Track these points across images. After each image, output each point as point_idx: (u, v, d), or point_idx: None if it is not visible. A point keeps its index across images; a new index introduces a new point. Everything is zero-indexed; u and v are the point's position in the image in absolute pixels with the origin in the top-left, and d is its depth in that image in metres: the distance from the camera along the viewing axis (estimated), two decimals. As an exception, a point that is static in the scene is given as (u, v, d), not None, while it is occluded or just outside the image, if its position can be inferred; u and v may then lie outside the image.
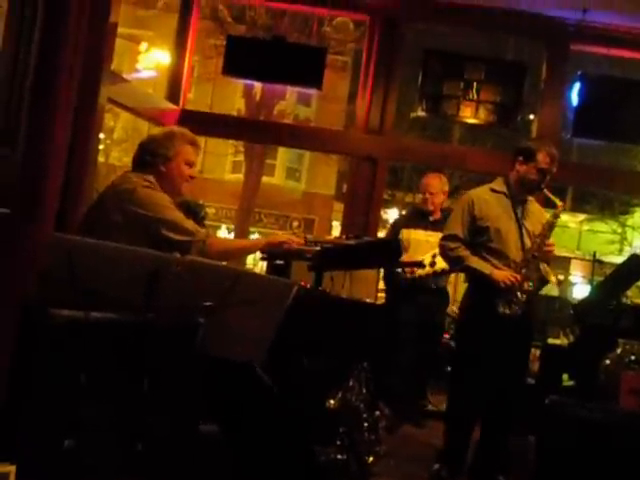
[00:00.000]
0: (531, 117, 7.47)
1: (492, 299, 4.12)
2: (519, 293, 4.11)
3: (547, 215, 4.28)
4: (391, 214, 18.53)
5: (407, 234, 5.57)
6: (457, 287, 5.99)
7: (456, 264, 4.40)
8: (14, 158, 3.43)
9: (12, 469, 1.85)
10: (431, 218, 5.64)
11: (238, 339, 2.70)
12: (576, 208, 21.66)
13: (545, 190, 4.22)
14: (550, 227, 4.18)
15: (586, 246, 20.52)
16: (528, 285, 4.13)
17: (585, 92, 6.24)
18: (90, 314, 2.51)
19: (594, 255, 6.98)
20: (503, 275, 4.11)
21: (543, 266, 4.18)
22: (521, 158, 4.24)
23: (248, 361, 2.84)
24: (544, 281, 4.25)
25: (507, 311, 4.11)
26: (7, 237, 3.42)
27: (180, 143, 3.35)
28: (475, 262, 4.22)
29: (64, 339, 2.49)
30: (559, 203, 4.18)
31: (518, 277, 4.10)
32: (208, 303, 2.58)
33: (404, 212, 9.60)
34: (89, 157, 4.34)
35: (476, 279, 4.28)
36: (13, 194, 3.41)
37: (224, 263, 3.58)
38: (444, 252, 4.38)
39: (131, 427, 2.51)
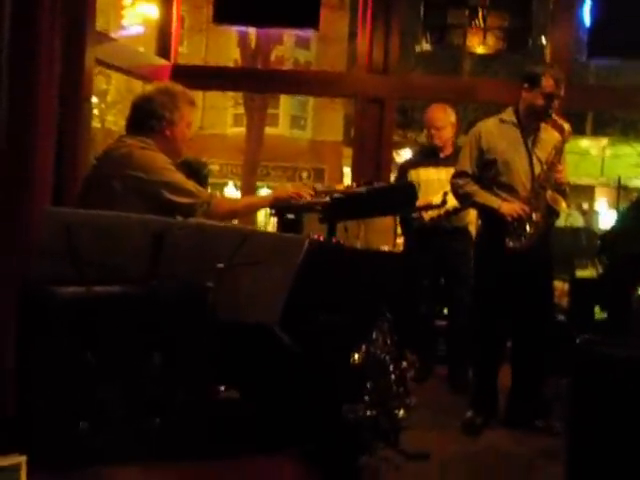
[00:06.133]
0: (543, 41, 7.23)
1: (502, 234, 4.07)
2: (528, 226, 4.05)
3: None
4: (404, 155, 18.29)
5: (416, 175, 5.27)
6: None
7: (465, 200, 4.41)
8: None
9: (23, 460, 1.77)
10: (441, 155, 5.27)
11: (251, 301, 2.61)
12: (597, 133, 21.22)
13: (553, 115, 4.13)
14: (558, 152, 4.09)
15: (610, 172, 20.10)
16: (537, 216, 4.05)
17: (598, 9, 5.95)
18: (92, 288, 2.41)
19: (619, 181, 6.80)
20: (510, 208, 4.06)
21: (550, 194, 4.07)
22: (526, 85, 4.17)
23: (264, 322, 2.75)
24: (554, 211, 4.16)
25: (517, 245, 4.06)
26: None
27: (183, 105, 3.21)
28: (483, 197, 4.19)
29: (67, 317, 2.39)
30: (566, 126, 4.10)
31: (526, 209, 4.04)
32: (216, 266, 2.46)
33: (413, 153, 9.31)
34: (81, 122, 4.20)
35: (486, 214, 4.27)
36: (1, 171, 3.28)
37: (235, 222, 3.49)
38: (454, 190, 4.37)
39: (147, 402, 2.41)
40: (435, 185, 5.09)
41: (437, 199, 4.96)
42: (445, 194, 4.82)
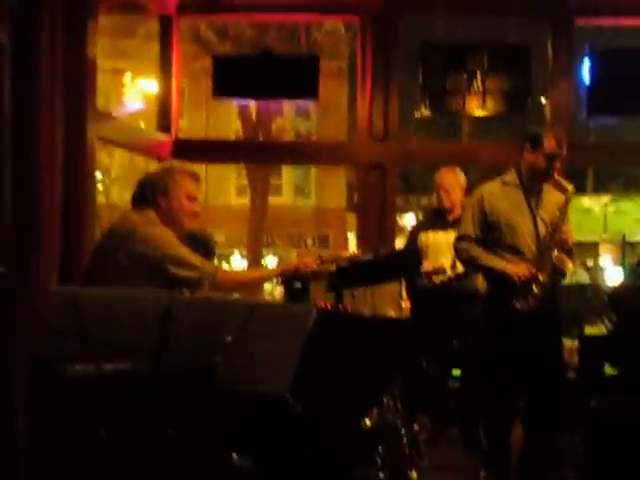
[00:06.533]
0: (542, 101, 7.26)
1: (509, 296, 4.05)
2: (534, 287, 4.03)
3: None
4: (407, 219, 18.32)
5: (425, 238, 5.28)
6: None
7: (470, 264, 4.41)
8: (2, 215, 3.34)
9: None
10: (450, 217, 5.26)
11: (260, 371, 2.60)
12: (599, 190, 21.25)
13: (555, 175, 4.13)
14: (562, 213, 4.08)
15: (613, 228, 20.05)
16: (543, 277, 4.04)
17: (596, 68, 5.99)
18: (102, 366, 2.42)
19: (623, 238, 6.79)
20: (517, 269, 4.05)
21: (556, 255, 4.07)
22: (528, 146, 4.17)
23: (275, 392, 2.73)
24: (560, 271, 4.14)
25: (524, 306, 4.04)
26: (6, 297, 3.32)
27: (179, 176, 3.26)
28: (488, 259, 4.18)
29: (77, 394, 2.39)
30: (569, 187, 4.10)
31: (532, 269, 4.03)
32: (224, 340, 2.48)
33: (422, 217, 9.28)
34: (86, 200, 4.25)
35: (491, 277, 4.26)
36: (7, 248, 3.31)
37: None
38: (458, 254, 4.38)
39: (160, 475, 2.40)
40: (444, 248, 5.07)
41: (447, 262, 4.98)
42: (455, 258, 4.82)
